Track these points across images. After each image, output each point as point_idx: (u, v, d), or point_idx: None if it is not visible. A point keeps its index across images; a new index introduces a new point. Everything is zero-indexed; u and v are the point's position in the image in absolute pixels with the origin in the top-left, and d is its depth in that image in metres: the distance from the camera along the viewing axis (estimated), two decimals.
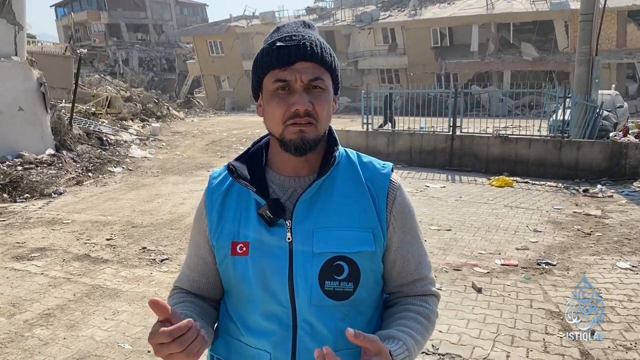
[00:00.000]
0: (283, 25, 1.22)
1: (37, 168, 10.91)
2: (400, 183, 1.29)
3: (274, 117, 1.17)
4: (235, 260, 1.21)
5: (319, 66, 1.16)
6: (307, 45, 1.15)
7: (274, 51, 1.15)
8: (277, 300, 1.18)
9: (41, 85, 11.94)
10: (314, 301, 1.17)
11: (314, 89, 1.16)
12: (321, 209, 1.20)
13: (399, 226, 1.25)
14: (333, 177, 1.23)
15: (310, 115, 1.15)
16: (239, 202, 1.26)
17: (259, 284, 1.19)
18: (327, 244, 1.17)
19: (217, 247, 1.26)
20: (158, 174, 11.82)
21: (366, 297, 1.23)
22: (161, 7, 54.30)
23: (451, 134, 12.35)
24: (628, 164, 10.32)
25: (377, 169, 1.28)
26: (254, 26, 37.50)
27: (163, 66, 51.33)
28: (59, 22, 57.96)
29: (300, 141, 1.16)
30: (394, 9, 34.99)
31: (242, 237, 1.22)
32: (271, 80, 1.16)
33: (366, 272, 1.20)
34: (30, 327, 4.20)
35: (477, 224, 7.27)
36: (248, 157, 1.31)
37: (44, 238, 6.78)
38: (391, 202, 1.24)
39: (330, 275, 1.17)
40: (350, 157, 1.29)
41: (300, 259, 1.17)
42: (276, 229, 1.19)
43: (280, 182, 1.25)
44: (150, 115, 22.82)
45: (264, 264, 1.19)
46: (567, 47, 27.46)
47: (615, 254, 5.92)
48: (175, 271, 5.55)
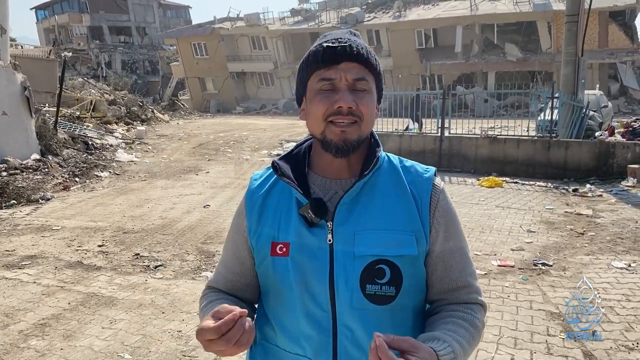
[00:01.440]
0: (330, 33, 1.24)
1: (23, 173, 10.71)
2: (444, 188, 1.27)
3: (316, 115, 1.17)
4: (275, 261, 1.20)
5: (364, 68, 1.17)
6: (353, 47, 1.16)
7: (320, 52, 1.17)
8: (317, 303, 1.16)
9: (25, 89, 11.73)
10: (355, 304, 1.14)
11: (358, 89, 1.16)
12: (363, 211, 1.19)
13: (442, 230, 1.22)
14: (375, 180, 1.22)
15: (353, 114, 1.14)
16: (279, 203, 1.25)
17: (299, 285, 1.17)
18: (368, 247, 1.15)
19: (256, 248, 1.25)
20: (146, 178, 11.69)
21: (408, 303, 1.20)
22: (144, 9, 53.86)
23: (440, 135, 12.39)
24: (615, 163, 10.44)
25: (419, 173, 1.26)
26: (239, 28, 37.36)
27: (146, 69, 50.93)
28: (39, 25, 57.26)
29: (342, 142, 1.15)
30: (379, 10, 35.11)
31: (282, 238, 1.20)
32: (316, 80, 1.17)
33: (408, 276, 1.17)
34: (25, 338, 4.10)
35: (470, 225, 7.28)
36: (291, 158, 1.30)
37: (34, 245, 6.65)
38: (434, 206, 1.22)
39: (372, 279, 1.15)
40: (392, 161, 1.29)
41: (341, 261, 1.16)
42: (317, 230, 1.18)
43: (321, 183, 1.24)
44: (135, 118, 22.61)
45: (305, 265, 1.17)
46: (551, 48, 27.79)
47: (610, 253, 5.97)
48: (170, 278, 5.48)
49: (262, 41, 36.80)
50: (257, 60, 36.61)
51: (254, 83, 38.49)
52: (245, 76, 38.45)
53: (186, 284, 5.29)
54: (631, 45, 26.99)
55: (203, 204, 8.89)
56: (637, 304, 4.55)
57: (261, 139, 18.89)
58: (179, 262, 5.96)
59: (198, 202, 9.13)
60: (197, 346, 3.79)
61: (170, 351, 3.84)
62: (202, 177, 11.80)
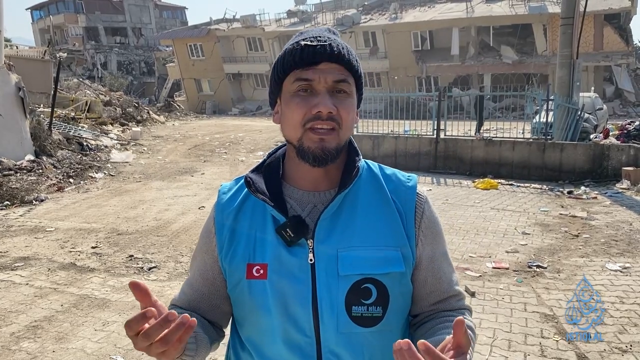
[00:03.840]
0: (307, 30, 1.15)
1: (17, 174, 10.66)
2: (427, 196, 1.20)
3: (293, 120, 1.07)
4: (252, 284, 1.10)
5: (344, 69, 1.08)
6: (334, 47, 1.07)
7: (298, 50, 1.07)
8: (299, 328, 1.07)
9: (20, 90, 11.68)
10: (341, 329, 1.06)
11: (338, 92, 1.07)
12: (345, 226, 1.10)
13: (429, 243, 1.15)
14: (356, 191, 1.13)
15: (333, 119, 1.05)
16: (253, 219, 1.14)
17: (278, 310, 1.08)
18: (353, 266, 1.07)
19: (229, 271, 1.14)
20: (141, 180, 11.65)
21: (395, 322, 1.13)
22: (140, 10, 53.80)
23: (435, 137, 12.40)
24: (610, 166, 10.47)
25: (402, 182, 1.18)
26: (235, 29, 37.34)
27: (142, 70, 50.82)
28: (35, 26, 57.10)
29: (321, 151, 1.06)
30: (375, 12, 35.16)
31: (258, 259, 1.10)
32: (292, 80, 1.08)
33: (395, 295, 1.10)
34: (17, 340, 4.07)
35: (465, 227, 7.28)
36: (264, 169, 1.19)
37: (27, 247, 6.61)
38: (419, 217, 1.14)
39: (358, 300, 1.06)
40: (372, 169, 1.19)
41: (325, 282, 1.07)
42: (296, 249, 1.08)
43: (298, 196, 1.14)
44: (130, 119, 22.56)
45: (284, 288, 1.08)
46: (546, 50, 27.88)
47: (604, 255, 5.97)
48: (164, 279, 5.46)
49: (258, 42, 36.79)
50: (253, 61, 36.58)
51: (250, 84, 38.45)
52: (242, 77, 38.42)
53: (180, 285, 5.25)
54: (626, 48, 27.10)
55: (198, 206, 8.86)
56: (631, 306, 4.55)
57: (257, 140, 18.87)
58: (173, 264, 5.94)
59: (193, 203, 9.10)
60: None
61: None
62: (197, 178, 11.78)
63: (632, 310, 4.45)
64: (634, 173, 9.80)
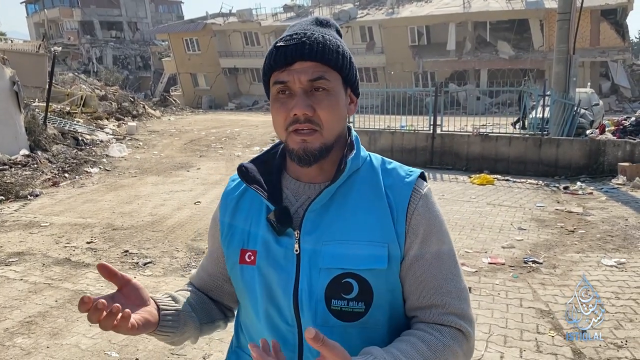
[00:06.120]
0: (295, 24, 1.14)
1: (11, 169, 10.61)
2: (428, 193, 1.16)
3: (278, 123, 1.09)
4: (244, 269, 1.14)
5: (321, 65, 1.05)
6: (307, 44, 1.05)
7: (273, 52, 1.07)
8: (282, 316, 1.10)
9: (14, 84, 11.62)
10: (319, 321, 1.06)
11: (316, 90, 1.06)
12: (332, 220, 1.10)
13: (417, 241, 1.10)
14: (350, 185, 1.12)
15: (311, 121, 1.05)
16: (252, 207, 1.18)
17: (264, 297, 1.11)
18: (335, 259, 1.06)
19: (227, 254, 1.20)
20: (136, 174, 11.61)
21: (382, 319, 1.10)
22: (135, 4, 53.55)
23: (432, 132, 12.39)
24: (606, 161, 10.48)
25: (400, 177, 1.15)
26: (231, 24, 37.20)
27: (138, 64, 50.62)
28: (29, 19, 56.78)
29: (303, 152, 1.06)
30: (372, 7, 35.10)
31: (251, 245, 1.14)
32: (273, 83, 1.09)
33: (380, 291, 1.07)
34: (11, 336, 4.05)
35: (461, 223, 7.28)
36: (265, 158, 1.23)
37: (22, 242, 6.58)
38: (411, 213, 1.11)
39: (338, 294, 1.06)
40: (372, 163, 1.17)
41: (307, 273, 1.08)
42: (284, 239, 1.10)
43: (294, 187, 1.16)
44: (126, 114, 22.45)
45: (270, 276, 1.10)
46: (543, 46, 27.90)
47: (600, 251, 5.98)
48: (159, 275, 5.44)
49: (255, 37, 36.68)
50: (249, 56, 36.47)
51: (246, 79, 38.35)
52: (238, 72, 38.31)
53: (175, 281, 5.25)
54: (622, 44, 27.15)
55: (194, 201, 8.84)
56: (627, 301, 4.56)
57: (253, 135, 18.82)
58: (168, 259, 5.92)
59: (189, 198, 9.07)
60: (185, 344, 3.74)
61: (158, 349, 3.80)
62: (193, 173, 11.74)
63: (627, 306, 4.45)
64: (629, 169, 9.81)
